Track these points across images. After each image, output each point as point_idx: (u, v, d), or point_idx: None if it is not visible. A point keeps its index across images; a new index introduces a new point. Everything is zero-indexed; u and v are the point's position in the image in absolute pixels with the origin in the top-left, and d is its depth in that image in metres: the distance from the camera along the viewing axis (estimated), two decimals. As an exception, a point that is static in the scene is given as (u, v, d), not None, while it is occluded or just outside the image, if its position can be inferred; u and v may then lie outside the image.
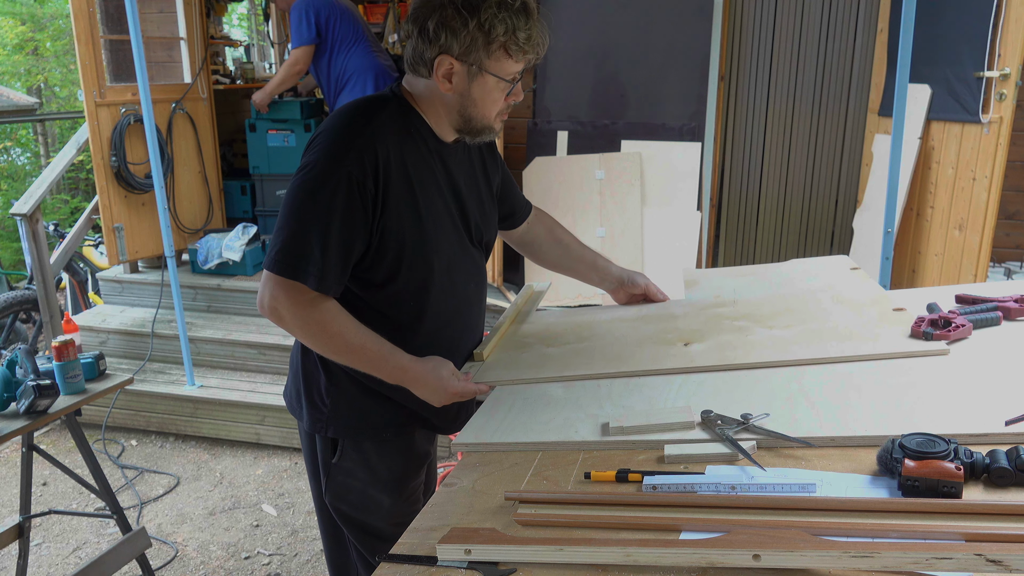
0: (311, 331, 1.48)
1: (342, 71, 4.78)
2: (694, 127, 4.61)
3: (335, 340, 1.49)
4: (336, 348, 1.50)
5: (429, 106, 1.53)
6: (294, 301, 1.44)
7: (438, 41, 1.42)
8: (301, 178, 1.44)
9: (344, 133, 1.45)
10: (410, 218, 1.50)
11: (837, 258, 2.17)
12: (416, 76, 1.51)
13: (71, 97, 11.63)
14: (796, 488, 1.13)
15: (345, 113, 1.49)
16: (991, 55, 3.28)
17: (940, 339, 1.53)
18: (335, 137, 1.45)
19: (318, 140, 1.46)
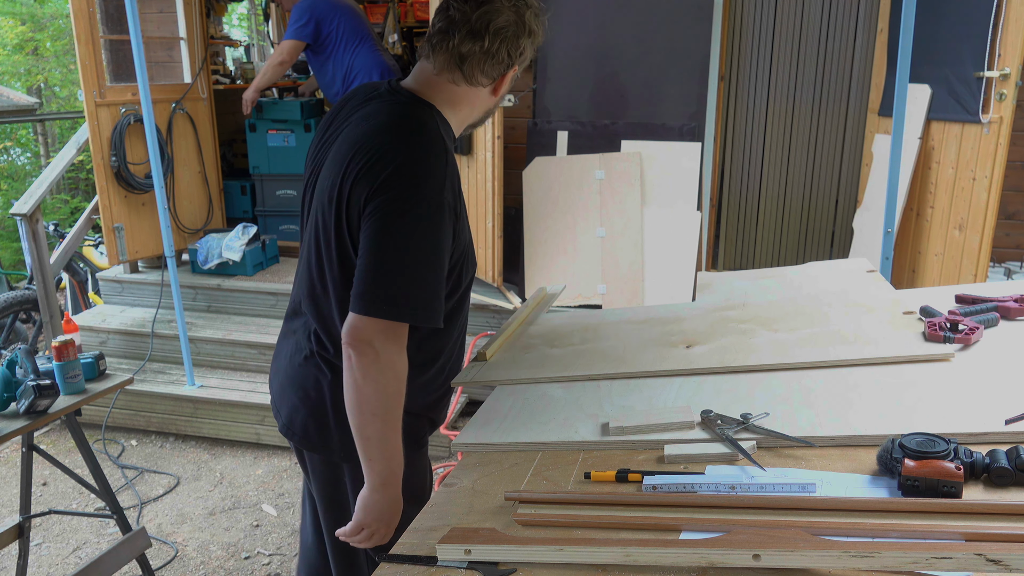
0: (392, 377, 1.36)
1: (348, 69, 4.79)
2: (694, 127, 4.61)
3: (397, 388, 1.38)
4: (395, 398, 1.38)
5: (456, 105, 1.47)
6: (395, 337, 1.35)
7: (516, 54, 1.43)
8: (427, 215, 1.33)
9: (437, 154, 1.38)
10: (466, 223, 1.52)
11: (854, 260, 2.17)
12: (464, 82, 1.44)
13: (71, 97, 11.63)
14: (796, 488, 1.13)
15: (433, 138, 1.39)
16: (991, 55, 3.28)
17: (960, 343, 1.53)
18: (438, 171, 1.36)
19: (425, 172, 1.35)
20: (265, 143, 5.22)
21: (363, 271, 1.33)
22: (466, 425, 1.49)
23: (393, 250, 1.32)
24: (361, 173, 1.35)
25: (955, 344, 1.53)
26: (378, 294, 1.32)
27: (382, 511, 1.41)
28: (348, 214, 1.37)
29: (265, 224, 5.35)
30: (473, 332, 4.32)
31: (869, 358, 1.52)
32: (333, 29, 4.74)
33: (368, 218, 1.34)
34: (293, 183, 5.28)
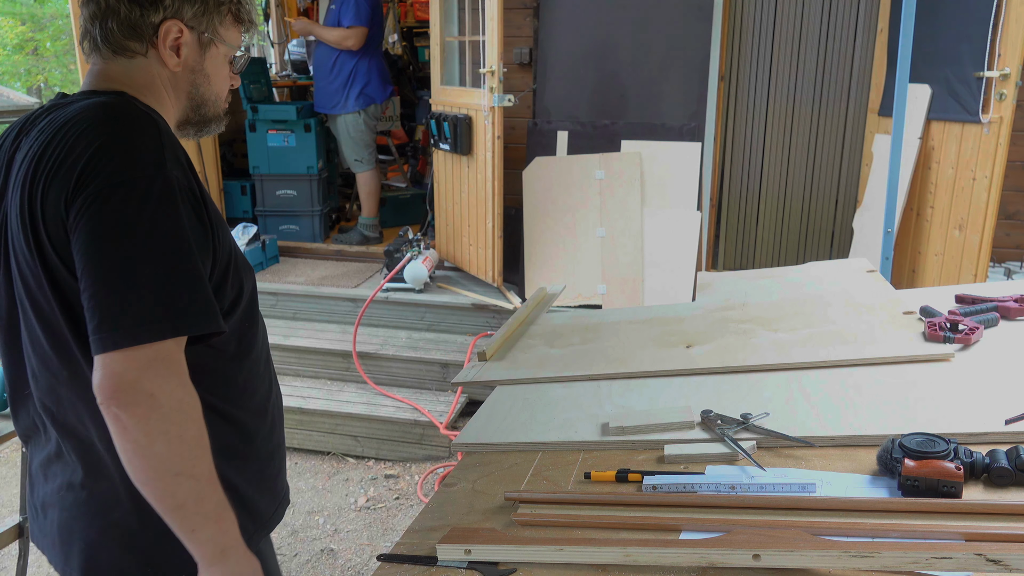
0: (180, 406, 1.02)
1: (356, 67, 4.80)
2: (694, 127, 4.61)
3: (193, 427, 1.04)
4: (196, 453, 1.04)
5: (151, 94, 1.18)
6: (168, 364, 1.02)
7: (162, 3, 1.14)
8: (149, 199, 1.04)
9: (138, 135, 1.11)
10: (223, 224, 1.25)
11: (854, 260, 2.17)
12: (123, 58, 1.16)
13: (71, 97, 11.64)
14: (796, 488, 1.13)
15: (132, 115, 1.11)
16: (991, 55, 3.28)
17: (960, 343, 1.53)
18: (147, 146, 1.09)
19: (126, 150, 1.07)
20: (265, 143, 5.23)
21: (92, 296, 0.99)
22: (466, 425, 1.49)
23: (120, 252, 1.00)
24: (51, 178, 1.03)
25: (955, 344, 1.53)
26: (123, 317, 0.98)
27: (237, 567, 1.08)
28: (49, 235, 1.04)
29: (265, 224, 5.35)
30: (473, 332, 4.32)
31: (869, 358, 1.52)
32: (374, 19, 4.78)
33: (76, 225, 1.01)
34: (293, 183, 5.28)
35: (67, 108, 1.10)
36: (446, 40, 4.56)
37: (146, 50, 1.16)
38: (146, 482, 1.02)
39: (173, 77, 1.20)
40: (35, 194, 1.05)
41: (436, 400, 3.98)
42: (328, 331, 4.46)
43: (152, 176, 1.03)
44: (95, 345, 0.99)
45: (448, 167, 4.64)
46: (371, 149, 5.08)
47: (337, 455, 3.90)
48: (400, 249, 4.53)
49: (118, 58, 1.16)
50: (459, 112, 4.33)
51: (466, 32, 4.38)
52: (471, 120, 4.24)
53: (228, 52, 1.24)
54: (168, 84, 1.20)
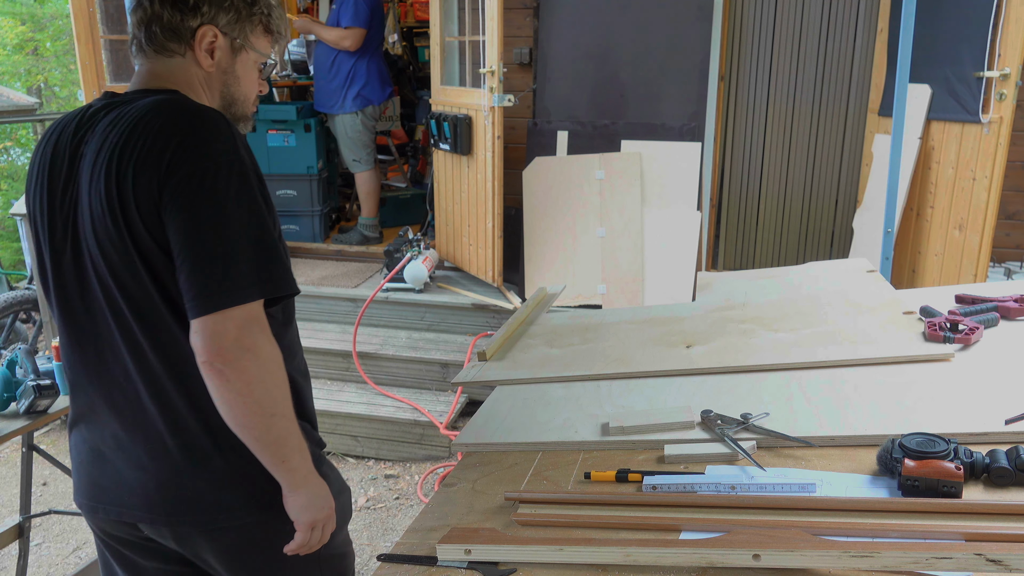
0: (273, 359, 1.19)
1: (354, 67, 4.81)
2: (694, 127, 4.61)
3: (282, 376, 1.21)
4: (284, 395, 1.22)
5: (191, 91, 1.31)
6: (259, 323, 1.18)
7: (199, 11, 1.28)
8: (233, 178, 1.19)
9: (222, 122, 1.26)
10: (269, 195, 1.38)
11: (854, 260, 2.17)
12: (165, 56, 1.29)
13: (71, 97, 11.63)
14: (796, 488, 1.13)
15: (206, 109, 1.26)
16: (991, 55, 3.28)
17: (960, 343, 1.53)
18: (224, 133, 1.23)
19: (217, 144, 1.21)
20: (265, 143, 5.22)
21: (191, 267, 1.13)
22: (466, 425, 1.49)
23: (213, 228, 1.14)
24: (140, 167, 1.15)
25: (955, 344, 1.53)
26: (222, 283, 1.13)
27: (319, 497, 1.27)
28: (142, 217, 1.16)
29: (265, 224, 5.35)
30: (473, 332, 4.32)
31: (869, 358, 1.52)
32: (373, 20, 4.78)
33: (171, 208, 1.15)
34: (293, 183, 5.28)
35: (133, 105, 1.22)
36: (446, 40, 4.56)
37: (184, 51, 1.29)
38: (247, 425, 1.18)
39: (207, 77, 1.32)
40: (124, 182, 1.16)
41: (436, 400, 3.98)
42: (328, 331, 4.46)
43: (231, 160, 1.17)
44: (196, 309, 1.13)
45: (448, 167, 4.64)
46: (369, 149, 5.08)
47: (337, 455, 3.90)
48: (400, 249, 4.53)
49: (160, 57, 1.30)
50: (459, 112, 4.32)
51: (466, 32, 4.38)
52: (471, 120, 4.24)
53: (258, 58, 1.37)
54: (203, 82, 1.33)
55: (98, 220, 1.19)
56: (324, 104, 4.99)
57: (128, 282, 1.20)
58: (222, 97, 1.35)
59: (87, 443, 1.35)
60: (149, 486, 1.28)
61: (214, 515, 1.27)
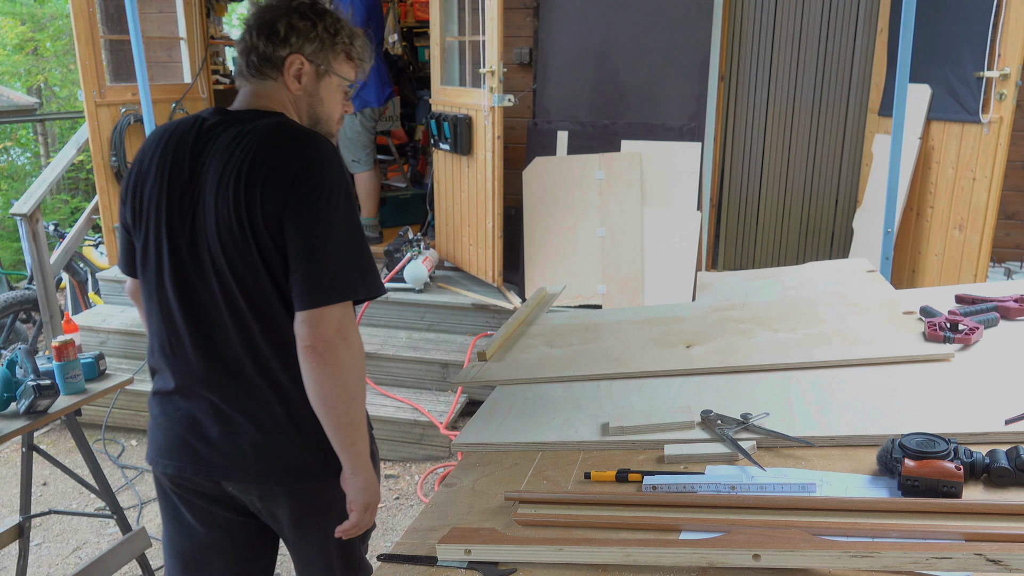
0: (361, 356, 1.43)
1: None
2: (694, 127, 4.61)
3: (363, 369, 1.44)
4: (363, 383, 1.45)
5: (285, 111, 1.52)
6: (351, 319, 1.41)
7: (288, 42, 1.48)
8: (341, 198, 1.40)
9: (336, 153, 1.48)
10: None
11: (854, 260, 2.17)
12: (261, 80, 1.50)
13: (71, 97, 11.62)
14: (796, 488, 1.13)
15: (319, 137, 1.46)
16: (991, 55, 3.28)
17: (960, 343, 1.53)
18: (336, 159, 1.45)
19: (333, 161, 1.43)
20: (265, 143, 5.22)
21: (305, 268, 1.35)
22: (466, 425, 1.49)
23: (326, 239, 1.37)
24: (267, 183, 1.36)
25: (955, 344, 1.53)
26: (332, 282, 1.36)
27: (372, 482, 1.45)
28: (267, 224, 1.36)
29: (265, 224, 5.35)
30: (473, 332, 4.32)
31: (869, 358, 1.52)
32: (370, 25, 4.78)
33: (293, 220, 1.36)
34: (293, 183, 5.28)
35: (250, 124, 1.43)
36: (446, 40, 4.56)
37: (277, 76, 1.49)
38: (333, 405, 1.38)
39: (296, 98, 1.52)
40: (252, 194, 1.36)
41: (436, 400, 3.98)
42: (328, 331, 4.45)
43: (341, 183, 1.40)
44: (305, 303, 1.35)
45: (448, 167, 4.64)
46: (369, 150, 5.08)
47: (337, 455, 3.90)
48: (400, 249, 4.53)
49: (259, 81, 1.50)
50: (459, 112, 4.33)
51: (466, 32, 4.38)
52: (471, 120, 4.24)
53: (341, 82, 1.55)
54: (293, 103, 1.53)
55: (223, 222, 1.38)
56: None
57: (245, 276, 1.39)
58: (308, 116, 1.54)
59: (181, 411, 1.51)
60: (245, 450, 1.46)
61: (297, 478, 1.47)
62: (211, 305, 1.44)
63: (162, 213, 1.44)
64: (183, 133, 1.47)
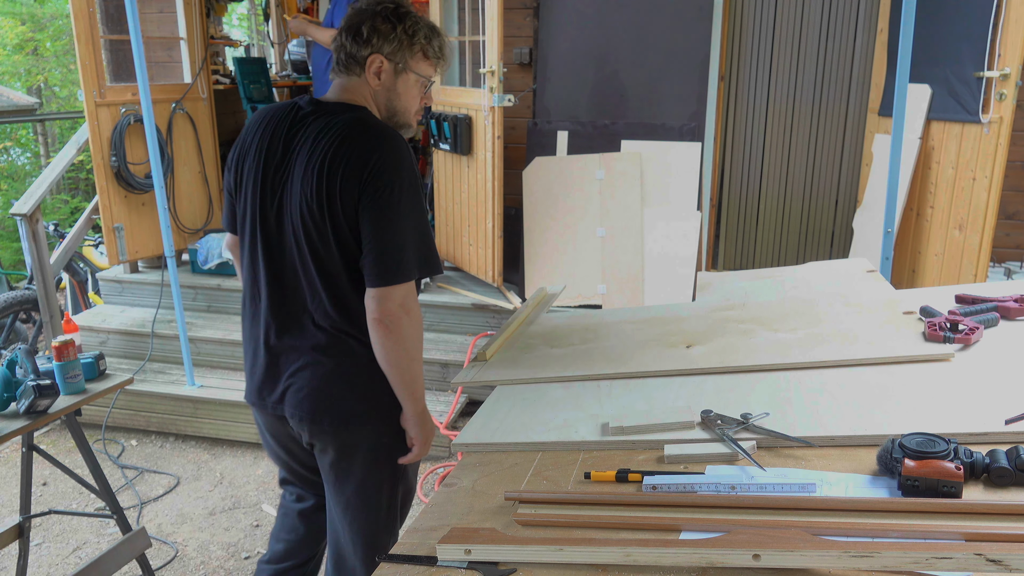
0: (420, 325, 1.69)
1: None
2: (694, 127, 4.61)
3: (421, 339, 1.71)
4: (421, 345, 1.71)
5: (368, 104, 1.73)
6: (414, 295, 1.67)
7: (370, 42, 1.69)
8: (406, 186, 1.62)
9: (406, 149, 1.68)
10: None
11: (854, 260, 2.17)
12: (348, 75, 1.73)
13: (71, 97, 11.62)
14: (796, 488, 1.13)
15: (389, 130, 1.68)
16: (991, 55, 3.28)
17: (960, 343, 1.53)
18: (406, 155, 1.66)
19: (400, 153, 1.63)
20: (265, 143, 5.22)
21: (376, 253, 1.60)
22: (466, 425, 1.50)
23: (395, 226, 1.61)
24: (347, 172, 1.59)
25: (955, 344, 1.53)
26: (398, 266, 1.61)
27: (429, 421, 1.76)
28: (343, 210, 1.60)
29: (265, 224, 5.35)
30: (473, 332, 4.32)
31: (869, 358, 1.52)
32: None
33: (366, 208, 1.59)
34: (293, 183, 5.28)
35: (337, 117, 1.65)
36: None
37: (360, 72, 1.71)
38: (396, 365, 1.66)
39: (375, 92, 1.74)
40: (333, 182, 1.59)
41: (436, 400, 3.98)
42: (328, 331, 4.46)
43: (411, 177, 1.63)
44: (375, 281, 1.61)
45: (448, 167, 4.64)
46: None
47: (337, 455, 3.90)
48: (400, 249, 4.52)
49: (346, 76, 1.73)
50: (459, 112, 4.33)
51: (466, 32, 4.38)
52: (471, 120, 4.24)
53: (419, 79, 1.75)
54: (372, 96, 1.74)
55: (306, 204, 1.62)
56: None
57: (320, 249, 1.64)
58: (387, 108, 1.75)
59: (259, 354, 1.78)
60: (303, 394, 1.72)
61: (343, 422, 1.73)
62: (289, 270, 1.69)
63: (257, 187, 1.69)
64: (281, 118, 1.70)
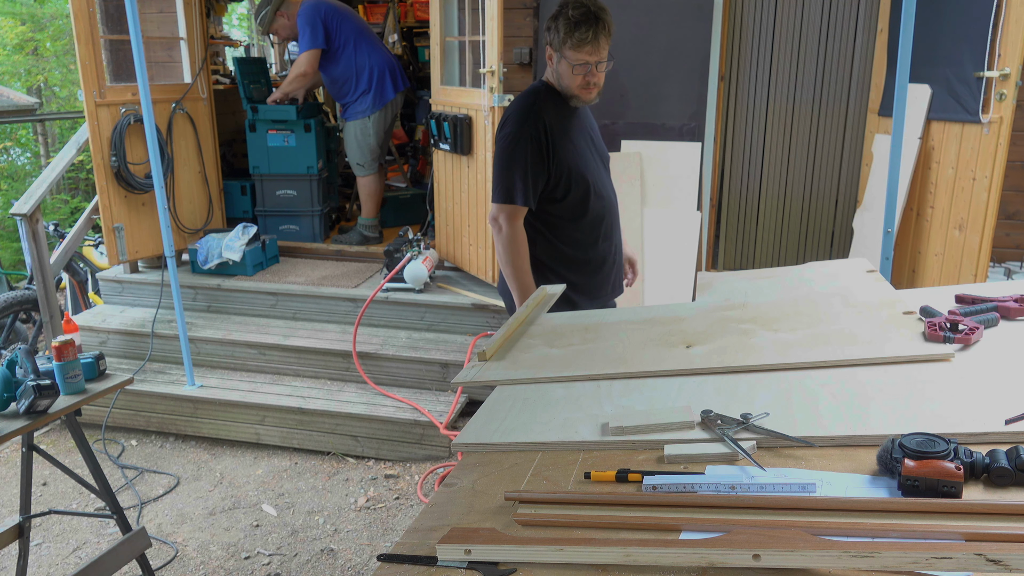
0: (509, 238, 2.42)
1: (362, 67, 4.86)
2: (694, 127, 4.62)
3: (515, 248, 2.44)
4: (512, 254, 2.45)
5: (552, 81, 2.45)
6: (508, 215, 2.42)
7: (548, 39, 2.38)
8: (503, 142, 2.39)
9: (523, 110, 2.38)
10: (570, 152, 2.43)
11: (854, 260, 2.17)
12: (549, 62, 2.43)
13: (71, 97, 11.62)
14: (796, 488, 1.13)
15: (520, 98, 2.43)
16: (991, 55, 3.28)
17: (960, 343, 1.53)
18: (518, 114, 2.38)
19: (509, 118, 2.40)
20: (265, 143, 5.23)
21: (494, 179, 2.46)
22: (466, 425, 1.49)
23: (497, 165, 2.42)
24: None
25: (955, 344, 1.52)
26: (495, 190, 2.42)
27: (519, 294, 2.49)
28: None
29: (265, 224, 5.35)
30: (473, 332, 4.32)
31: (869, 358, 1.52)
32: (340, 31, 4.81)
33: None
34: (293, 183, 5.28)
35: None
36: (446, 40, 4.56)
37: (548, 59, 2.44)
38: (499, 259, 2.49)
39: (551, 72, 2.44)
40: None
41: (436, 400, 3.98)
42: (328, 331, 4.46)
43: (512, 121, 2.39)
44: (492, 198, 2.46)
45: (448, 167, 4.64)
46: (375, 155, 5.09)
47: (337, 455, 3.90)
48: (400, 249, 4.53)
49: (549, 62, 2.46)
50: (459, 112, 4.33)
51: (466, 32, 4.38)
52: (471, 120, 4.24)
53: (570, 65, 2.35)
54: (551, 76, 2.46)
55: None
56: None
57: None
58: (558, 86, 2.43)
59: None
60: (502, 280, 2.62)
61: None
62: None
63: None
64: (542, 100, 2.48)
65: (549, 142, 2.35)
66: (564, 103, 2.43)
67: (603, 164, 2.62)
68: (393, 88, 5.00)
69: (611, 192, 2.64)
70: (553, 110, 2.39)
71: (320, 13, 4.78)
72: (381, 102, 4.96)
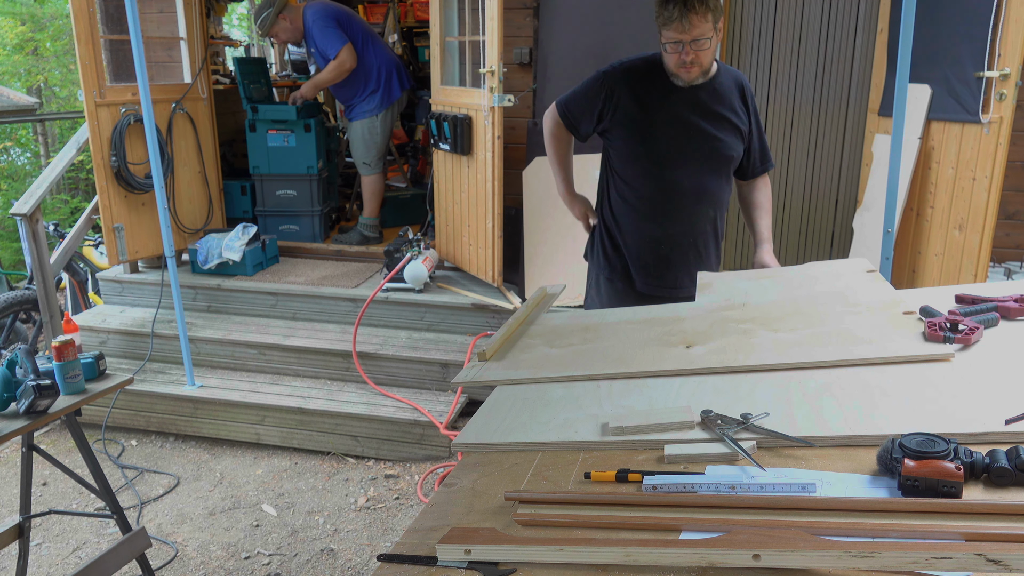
0: (548, 132, 2.63)
1: (372, 66, 4.88)
2: (694, 127, 4.60)
3: (548, 139, 2.65)
4: (547, 144, 2.66)
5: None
6: (549, 113, 2.63)
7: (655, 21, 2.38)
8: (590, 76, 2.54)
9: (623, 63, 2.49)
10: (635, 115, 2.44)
11: (854, 260, 2.17)
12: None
13: (71, 97, 11.62)
14: (796, 488, 1.13)
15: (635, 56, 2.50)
16: (991, 55, 3.28)
17: (960, 343, 1.53)
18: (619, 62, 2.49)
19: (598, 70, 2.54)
20: (265, 143, 5.23)
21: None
22: (466, 425, 1.49)
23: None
24: None
25: (955, 344, 1.52)
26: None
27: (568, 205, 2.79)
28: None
29: (265, 224, 5.35)
30: (473, 332, 4.32)
31: (869, 358, 1.52)
32: (350, 30, 4.84)
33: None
34: (293, 183, 5.28)
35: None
36: (446, 40, 4.56)
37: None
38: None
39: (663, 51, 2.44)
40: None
41: (436, 400, 3.98)
42: (328, 331, 4.46)
43: (605, 68, 2.51)
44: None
45: (448, 167, 4.64)
46: (379, 154, 5.10)
47: (337, 455, 3.90)
48: (400, 249, 4.53)
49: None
50: (459, 112, 4.33)
51: (466, 32, 4.38)
52: (471, 120, 4.24)
53: (664, 44, 2.34)
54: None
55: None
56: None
57: None
58: (664, 61, 2.40)
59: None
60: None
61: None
62: None
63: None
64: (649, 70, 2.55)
65: (613, 96, 2.44)
66: (666, 77, 2.41)
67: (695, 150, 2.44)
68: (400, 87, 5.02)
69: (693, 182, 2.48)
70: (647, 79, 2.42)
71: (332, 13, 4.80)
72: (388, 101, 4.97)
